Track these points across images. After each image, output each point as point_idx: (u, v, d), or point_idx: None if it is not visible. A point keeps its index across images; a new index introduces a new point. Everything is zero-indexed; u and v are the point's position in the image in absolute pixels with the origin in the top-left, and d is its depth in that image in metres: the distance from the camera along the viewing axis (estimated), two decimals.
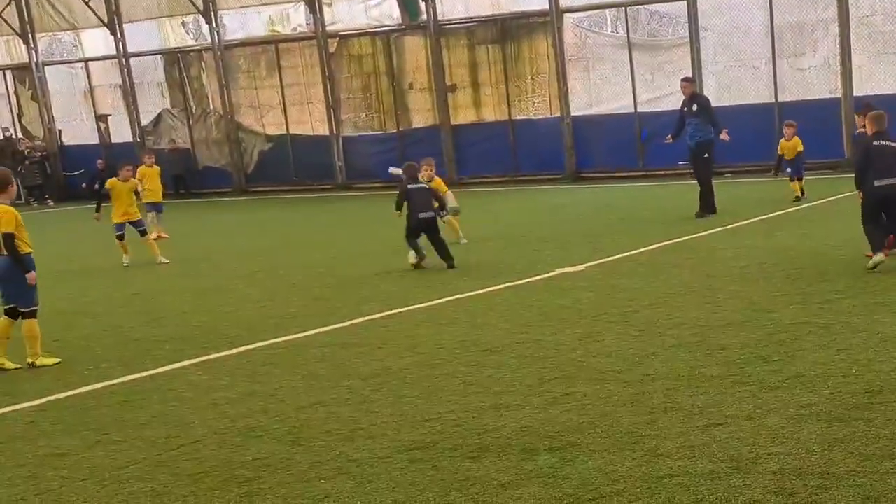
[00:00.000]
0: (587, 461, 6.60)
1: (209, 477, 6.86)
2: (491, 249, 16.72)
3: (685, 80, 21.59)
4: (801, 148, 20.81)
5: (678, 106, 27.84)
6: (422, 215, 15.42)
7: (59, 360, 10.74)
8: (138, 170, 21.32)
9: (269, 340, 10.92)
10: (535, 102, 30.71)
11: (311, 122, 33.64)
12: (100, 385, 9.56)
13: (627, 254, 14.87)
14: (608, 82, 29.62)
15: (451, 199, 17.22)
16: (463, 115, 31.33)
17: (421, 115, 32.04)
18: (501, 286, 13.12)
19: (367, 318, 11.76)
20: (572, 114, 29.50)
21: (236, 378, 9.45)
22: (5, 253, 10.71)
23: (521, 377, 8.74)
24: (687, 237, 16.28)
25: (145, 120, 36.05)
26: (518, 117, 30.55)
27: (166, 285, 15.43)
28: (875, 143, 12.76)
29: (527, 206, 23.02)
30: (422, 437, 7.32)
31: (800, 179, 20.79)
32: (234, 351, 10.58)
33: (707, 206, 19.18)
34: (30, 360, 10.64)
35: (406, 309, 12.09)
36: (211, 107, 35.25)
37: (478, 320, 11.15)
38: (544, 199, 24.92)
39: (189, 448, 7.50)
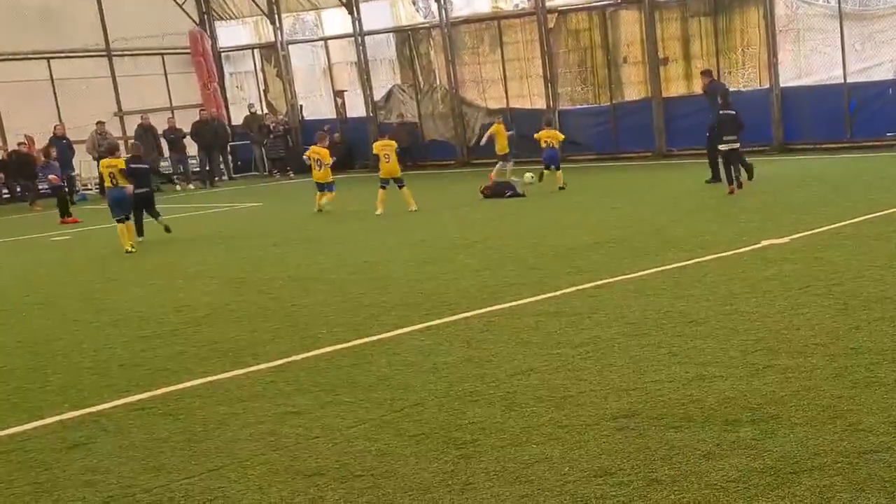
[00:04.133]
0: (788, 434, 6.42)
1: (429, 438, 6.96)
2: (698, 221, 16.41)
3: (701, 72, 25.21)
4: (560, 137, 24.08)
5: (888, 76, 27.02)
6: (139, 191, 19.29)
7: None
8: (312, 148, 22.55)
9: (486, 308, 10.98)
10: (744, 74, 29.88)
11: (530, 95, 33.59)
12: (332, 348, 9.79)
13: (833, 226, 14.36)
14: (818, 53, 28.57)
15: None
16: (674, 88, 30.76)
17: (633, 89, 31.62)
18: (708, 257, 12.86)
19: (577, 287, 11.70)
20: (781, 85, 28.62)
21: (455, 344, 9.55)
22: (121, 184, 18.36)
23: (725, 349, 8.55)
24: (893, 209, 15.58)
25: (377, 95, 36.66)
26: (728, 89, 29.77)
27: (393, 254, 15.70)
28: None
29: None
30: (628, 406, 7.25)
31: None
32: (454, 318, 10.68)
33: (714, 174, 21.38)
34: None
35: (615, 279, 11.97)
36: (437, 82, 35.58)
37: (684, 291, 10.95)
38: None
39: (411, 410, 7.63)
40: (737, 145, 19.88)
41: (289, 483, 6.33)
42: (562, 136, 24.92)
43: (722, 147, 19.98)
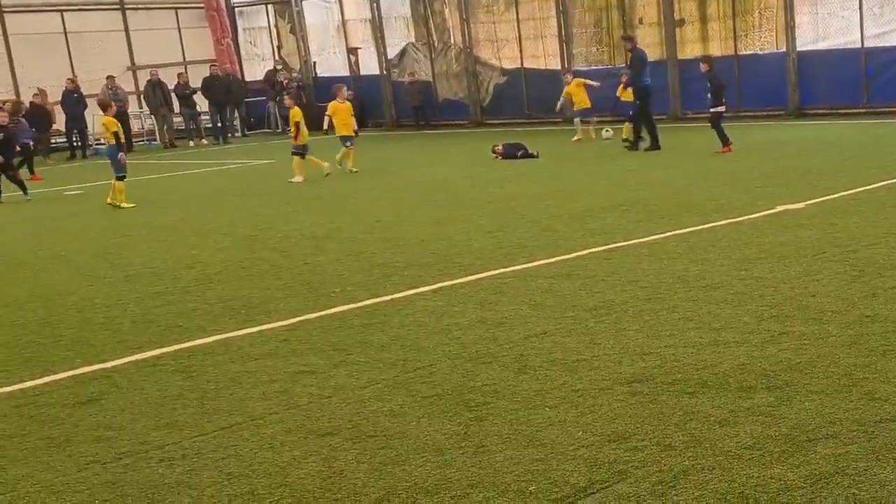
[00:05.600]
0: (804, 401, 6.37)
1: (442, 400, 6.93)
2: (713, 184, 16.31)
3: (623, 37, 26.15)
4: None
5: None
6: None
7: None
8: (329, 105, 22.31)
9: (499, 270, 10.93)
10: (761, 37, 29.64)
11: (545, 56, 33.39)
12: (345, 307, 9.76)
13: (849, 192, 14.26)
14: (835, 17, 28.32)
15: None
16: (690, 50, 30.52)
17: (649, 50, 31.17)
18: (723, 222, 12.78)
19: (591, 250, 11.64)
20: (798, 49, 28.38)
21: (468, 305, 9.51)
22: (112, 142, 18.98)
23: (740, 314, 8.49)
24: None
25: (391, 53, 36.47)
26: (744, 52, 29.57)
27: (406, 214, 15.65)
28: None
29: (749, 141, 22.33)
30: (642, 371, 7.21)
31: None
32: (467, 279, 10.64)
33: (634, 141, 22.59)
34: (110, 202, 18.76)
35: (629, 243, 11.91)
36: (452, 41, 35.38)
37: (698, 256, 10.89)
38: (766, 135, 24.12)
39: (424, 371, 7.60)
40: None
41: (301, 442, 6.32)
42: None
43: (716, 110, 21.12)
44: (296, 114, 22.04)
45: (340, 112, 22.45)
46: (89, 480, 6.00)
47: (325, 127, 22.90)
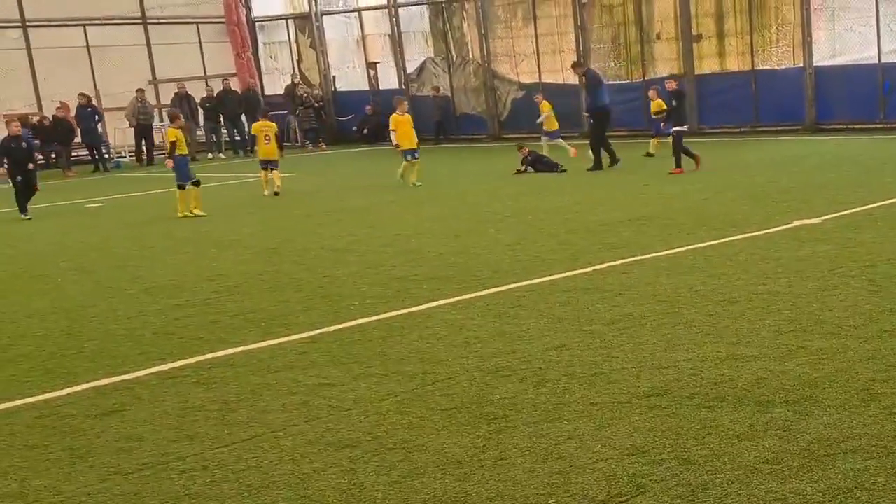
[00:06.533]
0: (822, 416, 6.35)
1: (461, 413, 6.92)
2: (730, 200, 16.27)
3: (573, 65, 26.79)
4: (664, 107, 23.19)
5: None
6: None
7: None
8: (391, 118, 22.09)
9: (517, 283, 10.92)
10: (778, 52, 29.61)
11: (562, 70, 33.36)
12: (364, 320, 9.76)
13: (866, 207, 14.20)
14: (852, 32, 28.29)
15: None
16: (707, 65, 30.50)
17: (666, 65, 31.35)
18: (740, 237, 12.75)
19: (609, 264, 11.62)
20: (815, 64, 28.32)
21: (487, 318, 9.50)
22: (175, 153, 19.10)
23: (757, 329, 8.46)
24: None
25: (410, 68, 36.52)
26: (761, 67, 29.53)
27: (425, 227, 15.65)
28: None
29: (766, 157, 22.29)
30: (660, 385, 7.19)
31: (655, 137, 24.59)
32: (485, 292, 10.63)
33: (596, 162, 22.65)
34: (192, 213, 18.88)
35: (647, 256, 11.88)
36: (470, 55, 35.40)
37: (716, 270, 10.86)
38: (783, 150, 24.05)
39: (443, 384, 7.59)
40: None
41: (322, 454, 6.32)
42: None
43: (683, 129, 21.08)
44: (258, 127, 22.22)
45: (402, 125, 22.14)
46: (111, 491, 6.01)
47: (395, 142, 22.29)
